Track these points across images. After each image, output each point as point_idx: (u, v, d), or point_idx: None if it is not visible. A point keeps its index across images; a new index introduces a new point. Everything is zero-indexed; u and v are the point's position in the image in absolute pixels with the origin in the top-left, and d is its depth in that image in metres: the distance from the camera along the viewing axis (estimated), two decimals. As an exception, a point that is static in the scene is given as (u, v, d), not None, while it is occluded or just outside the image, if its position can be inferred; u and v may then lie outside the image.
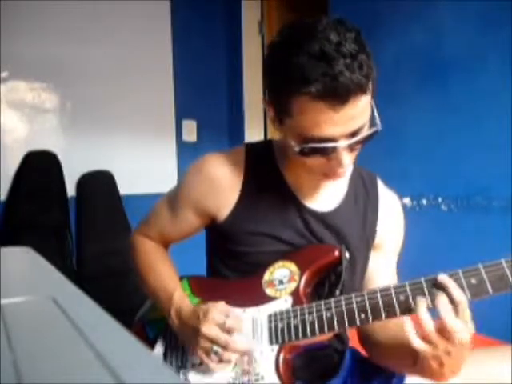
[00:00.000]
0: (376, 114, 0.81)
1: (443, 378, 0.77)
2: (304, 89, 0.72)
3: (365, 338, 0.97)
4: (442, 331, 0.72)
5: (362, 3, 2.31)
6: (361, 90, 0.73)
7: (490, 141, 1.94)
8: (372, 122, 0.81)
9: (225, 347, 0.82)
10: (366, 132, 0.79)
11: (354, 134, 0.77)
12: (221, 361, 0.83)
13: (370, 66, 0.74)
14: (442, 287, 0.74)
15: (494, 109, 1.94)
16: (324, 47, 0.71)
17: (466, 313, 0.72)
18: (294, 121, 0.78)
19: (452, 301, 0.73)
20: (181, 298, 0.91)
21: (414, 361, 0.77)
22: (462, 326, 0.71)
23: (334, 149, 0.77)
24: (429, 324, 0.72)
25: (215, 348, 0.82)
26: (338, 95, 0.71)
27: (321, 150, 0.78)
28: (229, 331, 0.82)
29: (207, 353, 0.83)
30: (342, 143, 0.76)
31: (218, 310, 0.84)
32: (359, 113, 0.75)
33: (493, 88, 1.93)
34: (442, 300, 0.73)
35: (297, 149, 0.79)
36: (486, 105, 1.96)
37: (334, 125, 0.74)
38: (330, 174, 0.83)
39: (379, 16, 2.27)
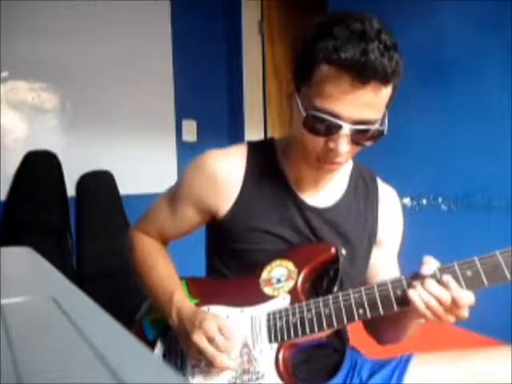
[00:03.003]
0: (386, 120, 0.82)
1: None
2: (334, 56, 0.74)
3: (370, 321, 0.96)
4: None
5: (362, 3, 2.31)
6: (385, 77, 0.74)
7: (490, 141, 1.94)
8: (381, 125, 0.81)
9: (210, 361, 0.82)
10: (372, 128, 0.79)
11: (360, 123, 0.78)
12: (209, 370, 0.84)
13: (398, 64, 0.76)
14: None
15: (494, 109, 1.94)
16: (365, 28, 0.74)
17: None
18: (310, 90, 0.79)
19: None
20: (181, 298, 0.91)
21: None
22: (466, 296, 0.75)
23: (337, 129, 0.77)
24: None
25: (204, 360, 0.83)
26: (363, 71, 0.73)
27: (323, 124, 0.78)
28: (217, 347, 0.82)
29: (196, 360, 0.85)
30: (347, 126, 0.77)
31: (214, 324, 0.83)
32: (373, 104, 0.76)
33: (493, 88, 1.93)
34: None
35: (303, 115, 0.79)
36: (487, 105, 1.96)
37: (346, 103, 0.75)
38: (324, 160, 0.83)
39: (379, 16, 2.27)
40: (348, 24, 0.75)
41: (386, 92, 0.77)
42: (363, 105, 0.76)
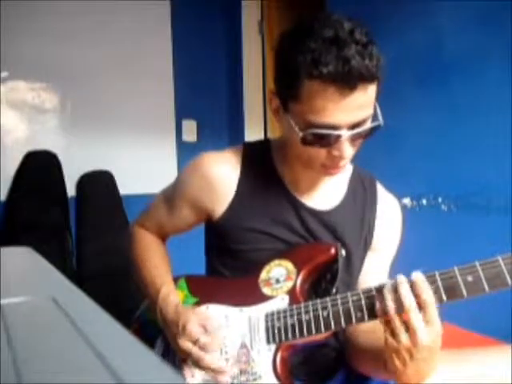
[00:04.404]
0: (378, 111, 0.81)
1: (408, 380, 0.76)
2: (315, 71, 0.73)
3: (346, 339, 0.96)
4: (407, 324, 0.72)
5: (361, 3, 2.31)
6: (371, 77, 0.74)
7: (490, 140, 1.94)
8: (374, 120, 0.81)
9: (196, 363, 0.83)
10: (368, 125, 0.79)
11: (357, 126, 0.78)
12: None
13: (379, 60, 0.75)
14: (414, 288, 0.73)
15: (493, 109, 1.93)
16: (338, 33, 0.73)
17: (434, 317, 0.71)
18: (300, 106, 0.78)
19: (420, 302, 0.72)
20: (165, 296, 0.92)
21: (385, 364, 0.77)
22: (423, 326, 0.71)
23: (337, 138, 0.78)
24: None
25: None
26: (349, 79, 0.72)
27: (323, 138, 0.78)
28: (203, 348, 0.83)
29: (185, 361, 0.86)
30: (346, 132, 0.77)
31: (196, 323, 0.84)
32: (365, 103, 0.76)
33: (493, 88, 1.93)
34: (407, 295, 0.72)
35: (300, 135, 0.79)
36: (486, 105, 1.96)
37: (340, 111, 0.75)
38: (329, 165, 0.83)
39: (378, 16, 2.27)
40: (319, 32, 0.74)
41: (373, 87, 0.77)
42: (356, 107, 0.76)
